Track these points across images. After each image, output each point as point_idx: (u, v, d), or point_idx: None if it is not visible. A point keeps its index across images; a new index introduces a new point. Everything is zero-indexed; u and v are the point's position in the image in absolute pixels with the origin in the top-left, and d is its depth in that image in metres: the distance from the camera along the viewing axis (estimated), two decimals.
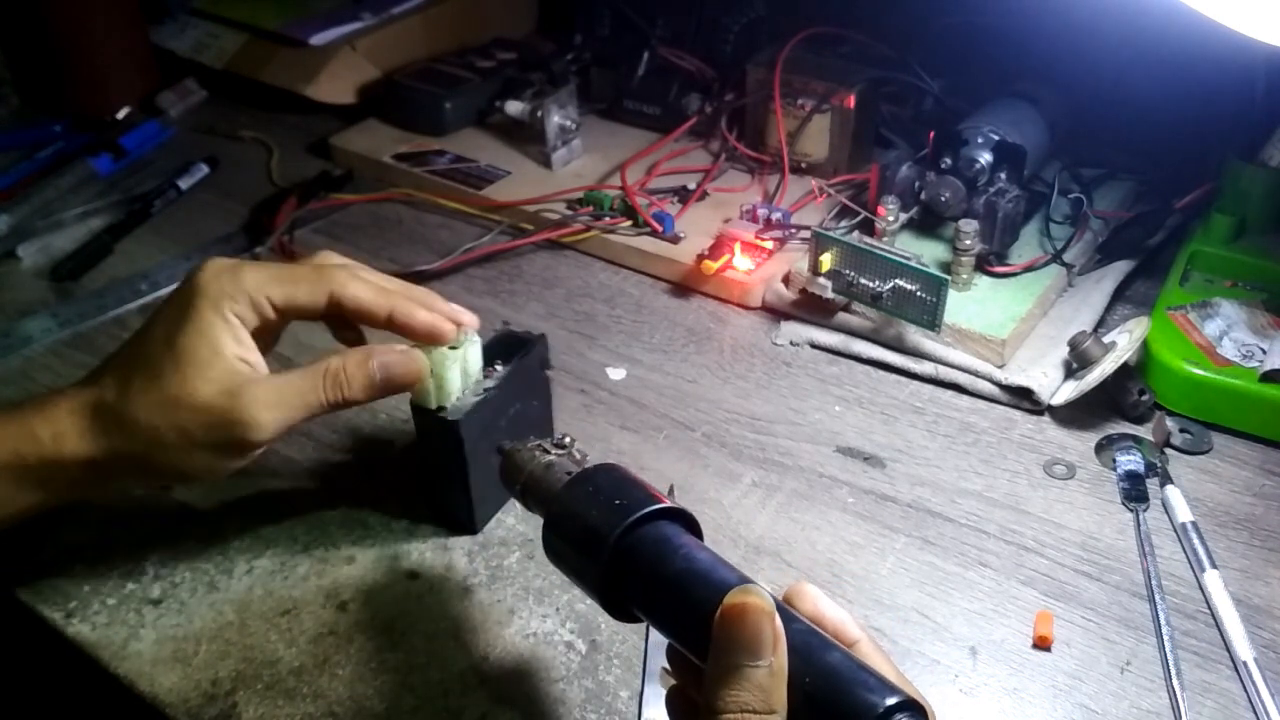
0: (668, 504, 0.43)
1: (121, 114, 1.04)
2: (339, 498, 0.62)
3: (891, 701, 0.34)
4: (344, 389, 0.52)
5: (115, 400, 0.50)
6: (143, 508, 0.61)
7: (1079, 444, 0.65)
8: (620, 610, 0.43)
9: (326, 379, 0.52)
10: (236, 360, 0.51)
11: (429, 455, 0.59)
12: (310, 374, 0.52)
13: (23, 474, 0.50)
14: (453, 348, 0.55)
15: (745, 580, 0.39)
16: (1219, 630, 0.53)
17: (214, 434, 0.50)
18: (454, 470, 0.57)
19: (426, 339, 0.54)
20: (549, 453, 0.49)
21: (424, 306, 0.54)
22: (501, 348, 0.59)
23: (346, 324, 0.58)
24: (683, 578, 0.40)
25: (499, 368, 0.58)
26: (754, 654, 0.35)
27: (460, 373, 0.55)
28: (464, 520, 0.59)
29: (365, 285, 0.54)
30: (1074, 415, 0.66)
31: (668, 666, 0.43)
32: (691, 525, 0.44)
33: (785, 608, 0.39)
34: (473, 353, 0.56)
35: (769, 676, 0.35)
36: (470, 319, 0.56)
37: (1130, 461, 0.62)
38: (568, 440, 0.49)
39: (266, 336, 0.55)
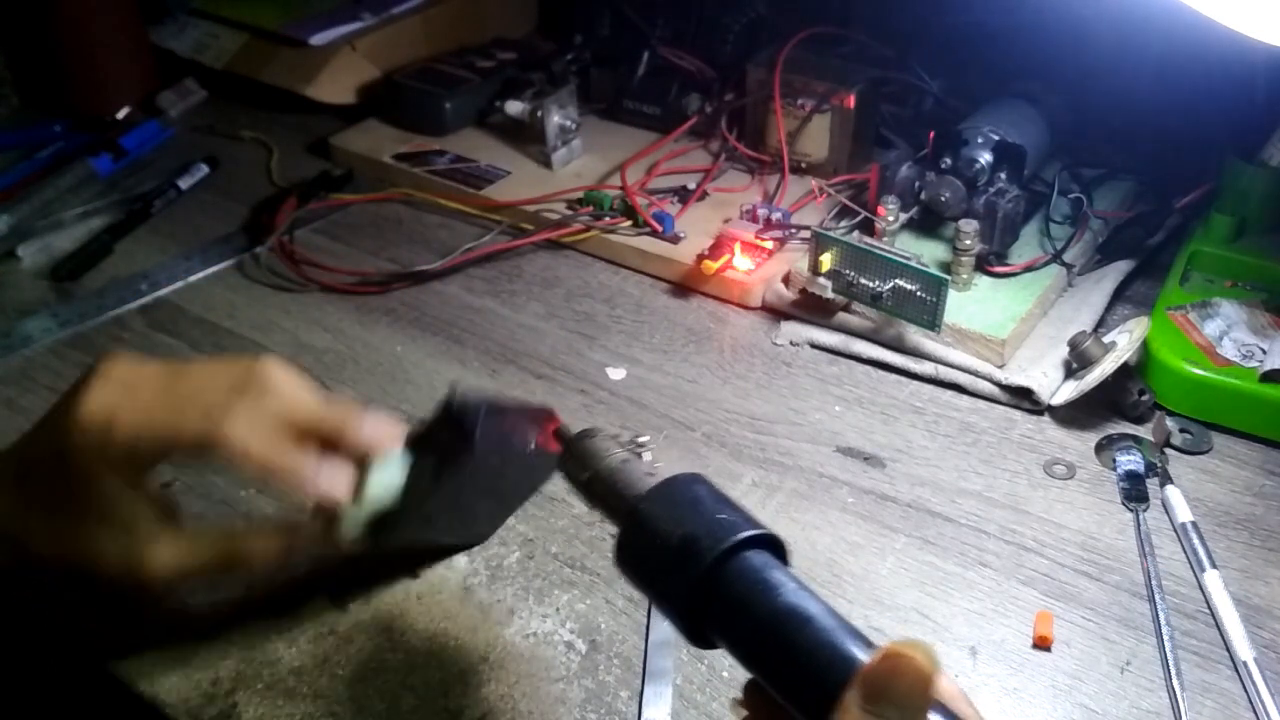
0: (769, 530, 0.39)
1: (121, 114, 1.04)
2: None
3: None
4: (244, 564, 0.49)
5: (14, 530, 0.48)
6: None
7: (1079, 444, 0.65)
8: (699, 634, 0.39)
9: (228, 554, 0.49)
10: (131, 514, 0.48)
11: None
12: (213, 542, 0.49)
13: None
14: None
15: (858, 632, 0.36)
16: (1219, 630, 0.53)
17: (111, 586, 0.48)
18: (419, 556, 0.55)
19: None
20: (622, 447, 0.45)
21: (310, 474, 0.48)
22: (440, 425, 0.50)
23: None
24: (793, 616, 0.36)
25: (428, 459, 0.50)
26: (902, 712, 0.32)
27: (361, 519, 0.49)
28: (467, 544, 0.58)
29: (252, 440, 0.47)
30: (1074, 415, 0.66)
31: (739, 697, 0.40)
32: (783, 555, 0.40)
33: None
34: (377, 483, 0.49)
35: None
36: (386, 437, 0.49)
37: (1130, 461, 0.62)
38: (642, 439, 0.45)
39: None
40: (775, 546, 0.39)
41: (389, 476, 0.49)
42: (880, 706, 0.33)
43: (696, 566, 0.38)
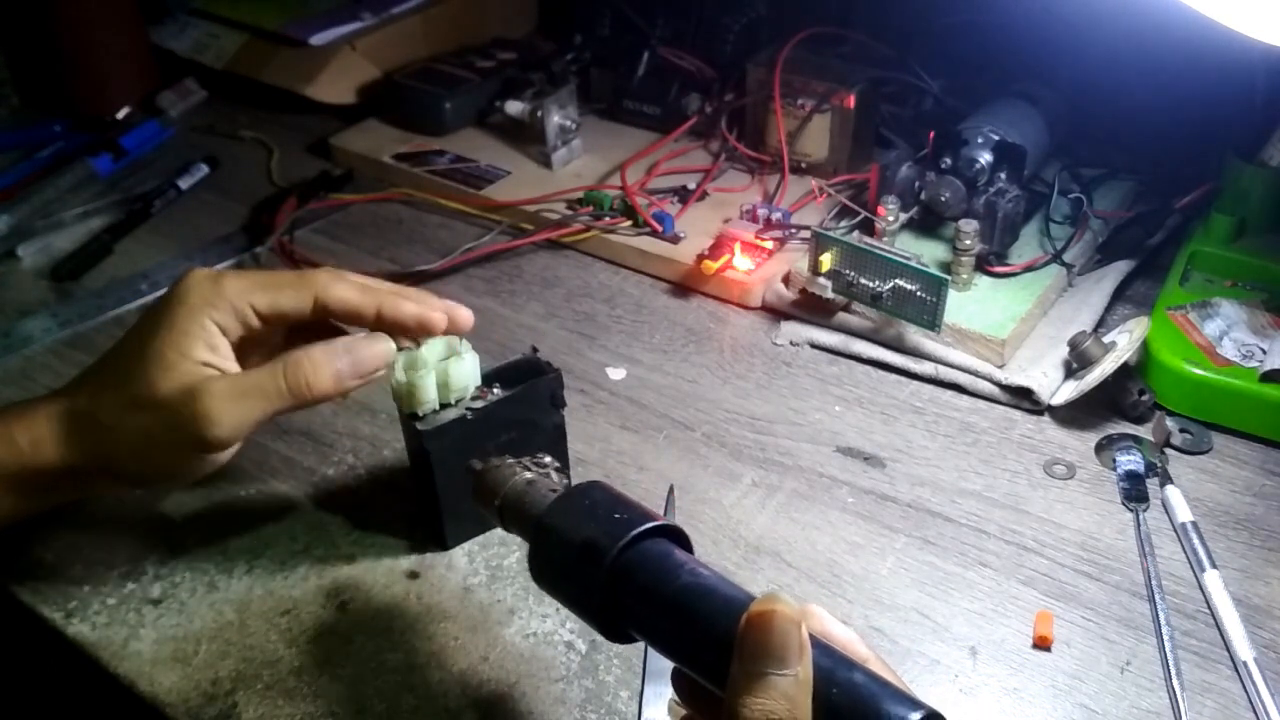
0: (664, 520, 0.42)
1: (121, 114, 1.04)
2: (339, 498, 0.62)
3: (917, 716, 0.34)
4: (306, 376, 0.51)
5: (86, 405, 0.51)
6: (143, 508, 0.61)
7: (1079, 444, 0.65)
8: (615, 630, 0.41)
9: (288, 369, 0.51)
10: (203, 364, 0.50)
11: (410, 460, 0.59)
12: (271, 366, 0.51)
13: (4, 481, 0.51)
14: (443, 360, 0.54)
15: (753, 597, 0.38)
16: (1219, 630, 0.53)
17: (173, 432, 0.49)
18: (424, 480, 0.56)
19: (419, 330, 0.53)
20: (528, 470, 0.47)
21: (411, 300, 0.54)
22: (515, 373, 0.57)
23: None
24: (690, 593, 0.39)
25: (497, 390, 0.56)
26: (781, 662, 0.34)
27: (438, 383, 0.54)
28: (435, 533, 0.58)
29: (350, 285, 0.53)
30: (1074, 415, 0.66)
31: (677, 698, 0.42)
32: (685, 543, 0.42)
33: None
34: (459, 366, 0.54)
35: (795, 685, 0.34)
36: (465, 315, 0.55)
37: (1130, 461, 0.62)
38: (546, 460, 0.48)
39: (257, 350, 0.54)
40: (675, 535, 0.42)
41: (469, 366, 0.54)
42: (760, 665, 0.35)
43: (599, 566, 0.40)
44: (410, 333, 0.54)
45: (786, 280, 0.76)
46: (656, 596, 0.40)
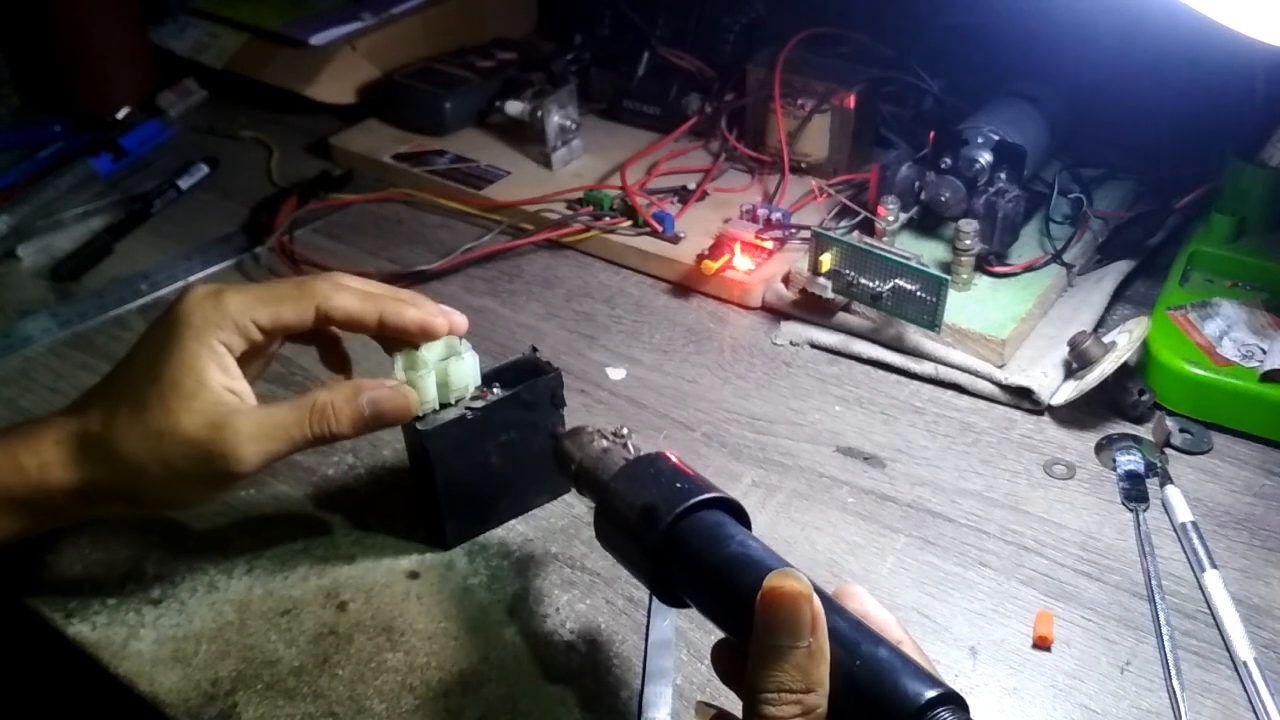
0: (724, 494, 0.44)
1: (121, 114, 1.04)
2: (339, 498, 0.62)
3: (935, 693, 0.34)
4: (330, 424, 0.51)
5: (100, 431, 0.50)
6: None
7: (1079, 444, 0.65)
8: (667, 592, 0.44)
9: (313, 414, 0.51)
10: (222, 391, 0.50)
11: (410, 460, 0.59)
12: (296, 408, 0.51)
13: (8, 502, 0.50)
14: (442, 360, 0.54)
15: (794, 569, 0.39)
16: (1219, 630, 0.53)
17: (197, 466, 0.49)
18: (424, 480, 0.57)
19: (421, 336, 0.53)
20: (606, 439, 0.50)
21: (413, 306, 0.54)
22: (515, 373, 0.57)
23: (334, 350, 0.58)
24: (735, 562, 0.41)
25: (497, 390, 0.56)
26: (793, 635, 0.36)
27: (438, 383, 0.54)
28: (435, 533, 0.59)
29: (351, 294, 0.53)
30: (1074, 415, 0.66)
31: (700, 699, 0.43)
32: (743, 518, 0.44)
33: (833, 601, 0.39)
34: (459, 366, 0.54)
35: (807, 658, 0.36)
36: (460, 320, 0.55)
37: (1130, 461, 0.62)
38: (625, 431, 0.50)
39: (257, 359, 0.54)
40: (733, 509, 0.44)
41: (469, 366, 0.55)
42: (773, 638, 0.36)
43: (655, 531, 0.43)
44: (412, 338, 0.54)
45: (786, 280, 0.76)
46: (705, 563, 0.42)
